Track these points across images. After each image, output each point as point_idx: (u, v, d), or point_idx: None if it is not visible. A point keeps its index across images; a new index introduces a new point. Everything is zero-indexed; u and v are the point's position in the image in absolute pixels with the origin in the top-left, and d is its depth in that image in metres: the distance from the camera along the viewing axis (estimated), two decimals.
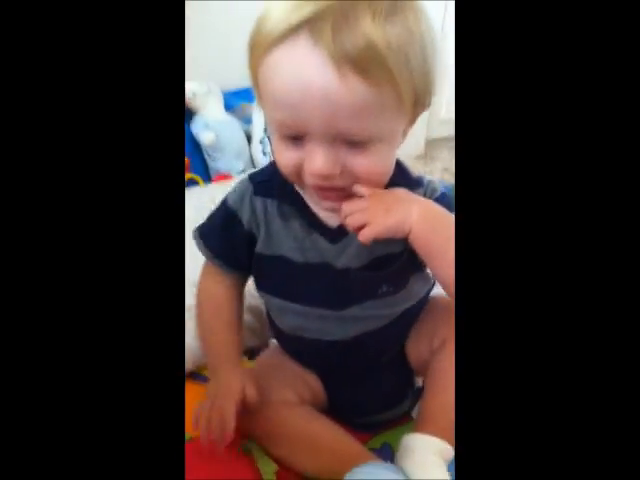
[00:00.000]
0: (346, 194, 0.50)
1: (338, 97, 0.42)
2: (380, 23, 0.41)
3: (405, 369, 0.67)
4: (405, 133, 0.52)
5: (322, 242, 0.56)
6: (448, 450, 0.55)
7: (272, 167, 0.56)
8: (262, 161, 1.23)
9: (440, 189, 0.58)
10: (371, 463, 0.53)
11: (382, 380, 0.65)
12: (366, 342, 0.61)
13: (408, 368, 0.67)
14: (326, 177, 0.47)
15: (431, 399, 0.60)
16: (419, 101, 0.48)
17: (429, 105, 0.50)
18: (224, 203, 0.60)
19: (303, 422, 0.59)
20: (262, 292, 0.63)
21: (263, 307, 0.74)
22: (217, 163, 1.24)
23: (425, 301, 0.66)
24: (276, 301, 0.61)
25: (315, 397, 0.64)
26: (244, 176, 0.60)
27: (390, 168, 0.52)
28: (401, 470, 0.52)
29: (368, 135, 0.46)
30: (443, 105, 1.67)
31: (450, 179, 1.53)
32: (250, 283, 0.68)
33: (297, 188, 0.56)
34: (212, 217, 0.61)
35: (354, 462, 0.53)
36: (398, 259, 0.57)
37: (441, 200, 0.55)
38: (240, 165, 1.21)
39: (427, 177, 0.60)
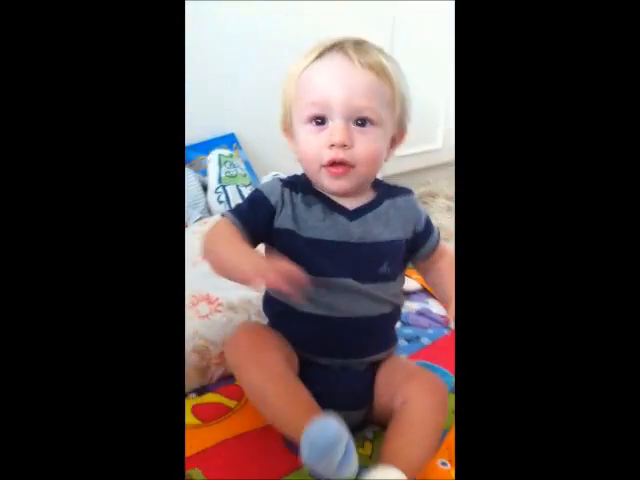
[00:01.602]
0: (350, 172, 0.65)
1: (359, 82, 0.63)
2: (381, 54, 0.66)
3: (372, 383, 0.72)
4: (393, 144, 0.71)
5: (341, 220, 0.69)
6: None
7: (297, 175, 0.73)
8: (217, 208, 1.30)
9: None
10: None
11: (358, 378, 0.71)
12: (361, 328, 0.69)
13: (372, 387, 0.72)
14: (342, 145, 0.63)
15: (397, 437, 0.64)
16: (402, 109, 0.69)
17: (405, 131, 0.71)
18: (256, 190, 0.72)
19: (283, 376, 0.63)
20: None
21: (210, 346, 0.81)
22: None
23: (397, 317, 0.77)
24: None
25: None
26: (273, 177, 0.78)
27: (380, 159, 0.69)
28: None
29: (373, 115, 0.64)
30: None
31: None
32: (197, 324, 0.80)
33: (316, 187, 0.71)
34: (242, 202, 0.73)
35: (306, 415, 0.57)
36: (399, 244, 0.71)
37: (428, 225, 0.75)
38: (196, 214, 1.27)
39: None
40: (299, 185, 0.71)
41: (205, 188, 1.35)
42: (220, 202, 1.29)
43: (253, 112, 1.39)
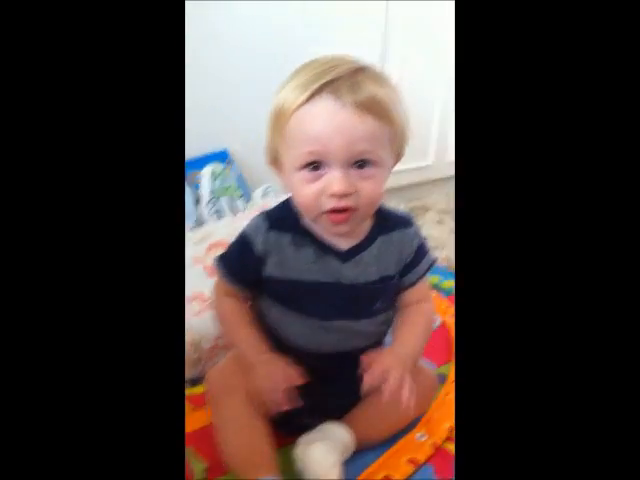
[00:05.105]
0: (352, 216, 0.62)
1: (356, 127, 0.57)
2: (377, 85, 0.59)
3: (358, 394, 0.71)
4: (390, 170, 0.65)
5: (334, 262, 0.67)
6: (350, 445, 0.67)
7: (287, 205, 0.68)
8: (209, 219, 1.37)
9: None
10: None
11: (338, 394, 0.72)
12: (350, 357, 0.68)
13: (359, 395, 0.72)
14: (344, 195, 0.59)
15: (367, 409, 0.71)
16: (402, 141, 0.64)
17: (403, 153, 0.66)
18: (242, 233, 0.70)
19: (243, 422, 0.65)
20: (274, 305, 0.70)
21: (202, 340, 0.86)
22: None
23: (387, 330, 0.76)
24: (288, 312, 0.69)
25: None
26: (260, 213, 0.71)
27: (382, 196, 0.64)
28: None
29: (374, 157, 0.59)
30: None
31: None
32: (191, 320, 0.86)
33: (304, 223, 0.67)
34: (231, 245, 0.71)
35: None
36: (392, 280, 0.70)
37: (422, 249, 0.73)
38: (189, 225, 1.33)
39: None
40: (287, 223, 0.68)
41: (197, 201, 1.41)
42: (213, 213, 1.35)
43: (246, 129, 1.45)
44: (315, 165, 0.59)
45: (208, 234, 1.06)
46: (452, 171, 2.17)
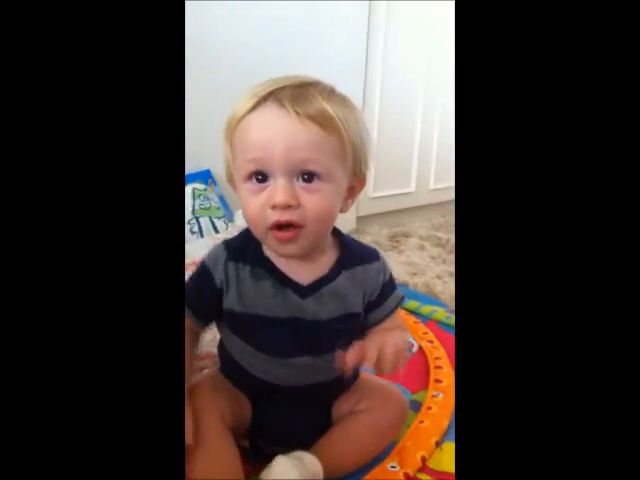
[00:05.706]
0: (299, 235, 0.59)
1: (299, 134, 0.56)
2: (326, 100, 0.58)
3: (327, 421, 0.72)
4: (352, 194, 0.64)
5: (293, 297, 0.64)
6: (319, 475, 0.63)
7: (246, 234, 0.66)
8: (190, 238, 1.36)
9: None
10: None
11: (306, 421, 0.70)
12: (313, 391, 0.68)
13: (329, 422, 0.73)
14: (285, 206, 0.56)
15: (336, 436, 0.68)
16: (357, 161, 0.61)
17: (364, 178, 0.64)
18: (201, 263, 0.67)
19: (219, 444, 0.62)
20: (233, 337, 0.68)
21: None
22: None
23: (356, 373, 0.74)
24: (247, 347, 0.66)
25: (243, 417, 0.70)
26: (220, 242, 0.69)
27: (332, 215, 0.62)
28: None
29: (319, 168, 0.57)
30: (371, 186, 2.01)
31: (377, 248, 1.77)
32: None
33: (266, 253, 0.65)
34: (190, 278, 0.67)
35: None
36: (357, 317, 0.67)
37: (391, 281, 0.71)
38: None
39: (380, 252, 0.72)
40: (247, 253, 0.65)
41: None
42: (193, 233, 1.34)
43: None
44: (261, 176, 0.58)
45: (186, 254, 1.05)
46: (433, 198, 2.27)
